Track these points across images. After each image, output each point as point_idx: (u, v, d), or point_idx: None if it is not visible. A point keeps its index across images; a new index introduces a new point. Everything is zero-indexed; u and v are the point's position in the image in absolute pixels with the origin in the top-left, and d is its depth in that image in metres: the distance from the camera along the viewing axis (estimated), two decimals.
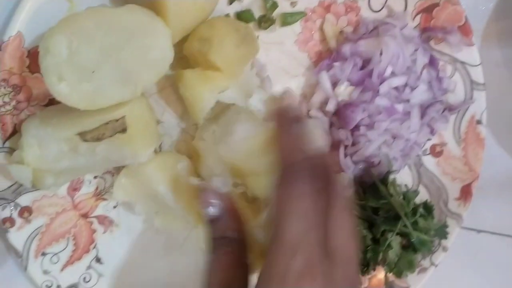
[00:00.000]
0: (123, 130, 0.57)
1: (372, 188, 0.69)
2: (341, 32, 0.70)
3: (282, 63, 0.70)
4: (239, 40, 0.61)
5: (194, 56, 0.63)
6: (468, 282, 0.80)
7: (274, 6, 0.68)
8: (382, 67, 0.66)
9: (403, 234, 0.67)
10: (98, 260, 0.67)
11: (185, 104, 0.63)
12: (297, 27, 0.70)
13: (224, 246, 0.54)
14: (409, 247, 0.68)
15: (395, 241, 0.66)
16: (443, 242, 0.72)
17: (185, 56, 0.64)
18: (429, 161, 0.74)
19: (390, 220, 0.66)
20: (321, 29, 0.70)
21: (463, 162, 0.73)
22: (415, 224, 0.67)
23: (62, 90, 0.54)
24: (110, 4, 0.64)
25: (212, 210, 0.55)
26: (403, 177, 0.73)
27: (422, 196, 0.73)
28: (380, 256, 0.66)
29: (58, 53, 0.53)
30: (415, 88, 0.68)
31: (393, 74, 0.67)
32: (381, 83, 0.66)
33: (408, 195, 0.69)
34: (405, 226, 0.66)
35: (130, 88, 0.57)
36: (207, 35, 0.61)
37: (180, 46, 0.63)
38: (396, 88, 0.67)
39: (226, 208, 0.56)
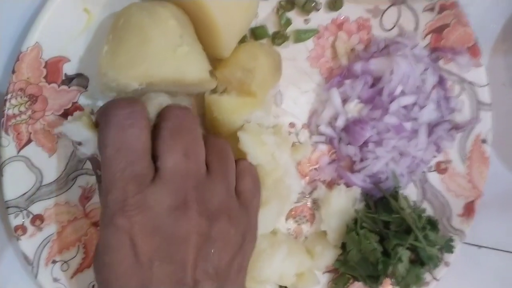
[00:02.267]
0: None
1: (383, 202, 0.70)
2: (352, 49, 0.72)
3: (294, 78, 0.71)
4: (274, 69, 0.65)
5: (229, 81, 0.64)
6: None
7: (288, 22, 0.69)
8: (393, 86, 0.67)
9: (411, 249, 0.68)
10: None
11: (213, 125, 0.65)
12: (309, 43, 0.71)
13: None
14: (416, 261, 0.69)
15: (404, 255, 0.67)
16: (446, 257, 0.73)
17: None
18: (434, 178, 0.75)
19: (401, 234, 0.68)
20: (333, 46, 0.71)
21: (467, 179, 0.74)
22: (425, 238, 0.68)
23: None
24: None
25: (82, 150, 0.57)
26: (408, 193, 0.74)
27: (427, 211, 0.74)
28: (390, 269, 0.67)
29: None
30: (423, 107, 0.69)
31: (402, 93, 0.68)
32: (391, 102, 0.67)
33: (416, 210, 0.70)
34: (415, 240, 0.67)
35: None
36: (250, 66, 0.63)
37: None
38: (405, 106, 0.68)
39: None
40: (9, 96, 0.61)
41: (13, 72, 0.61)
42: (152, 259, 0.49)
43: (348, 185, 0.72)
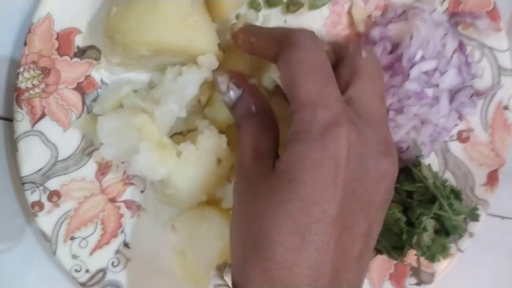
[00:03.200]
0: None
1: (405, 172, 0.68)
2: (369, 16, 0.70)
3: None
4: None
5: None
6: (492, 268, 0.80)
7: None
8: (413, 51, 0.65)
9: (436, 218, 0.66)
10: (126, 244, 0.67)
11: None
12: (325, 11, 0.69)
13: (250, 119, 0.53)
14: (440, 231, 0.68)
15: (429, 224, 0.66)
16: (470, 227, 0.72)
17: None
18: (455, 147, 0.73)
19: (425, 203, 0.66)
20: (349, 13, 0.70)
21: (489, 148, 0.72)
22: (450, 207, 0.66)
23: None
24: None
25: (232, 95, 0.55)
26: (430, 163, 0.72)
27: (449, 182, 0.72)
28: (415, 239, 0.66)
29: None
30: (444, 73, 0.67)
31: (423, 58, 0.66)
32: (411, 68, 0.66)
33: (439, 181, 0.69)
34: (439, 209, 0.65)
35: None
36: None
37: None
38: (425, 72, 0.67)
39: (244, 87, 0.55)
40: (21, 69, 0.60)
41: (25, 44, 0.60)
42: (347, 191, 0.45)
43: None
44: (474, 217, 0.70)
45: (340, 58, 0.55)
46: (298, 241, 0.43)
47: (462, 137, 0.73)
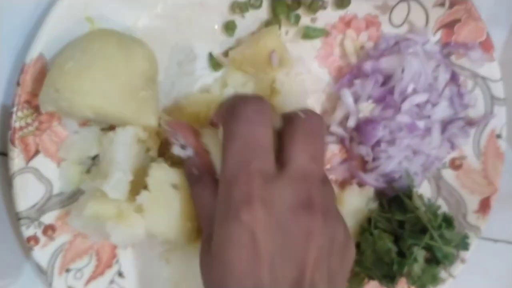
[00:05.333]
0: None
1: (397, 201, 0.69)
2: (361, 47, 0.70)
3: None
4: None
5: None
6: None
7: (298, 18, 0.68)
8: (404, 84, 0.66)
9: (426, 248, 0.67)
10: (120, 274, 0.68)
11: None
12: (317, 42, 0.69)
13: (194, 182, 0.56)
14: (431, 260, 0.69)
15: (420, 255, 0.67)
16: (462, 253, 0.72)
17: None
18: (448, 174, 0.74)
19: (416, 234, 0.67)
20: (341, 44, 0.70)
21: (482, 175, 0.73)
22: (441, 237, 0.67)
23: None
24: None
25: (179, 150, 0.57)
26: (422, 190, 0.73)
27: (441, 208, 0.73)
28: (405, 269, 0.67)
29: None
30: (436, 105, 0.68)
31: (414, 91, 0.66)
32: (402, 100, 0.66)
33: (432, 208, 0.69)
34: (430, 239, 0.66)
35: None
36: None
37: None
38: (417, 104, 0.67)
39: (192, 145, 0.57)
40: (15, 109, 0.61)
41: (18, 84, 0.61)
42: (273, 257, 0.47)
43: (360, 184, 0.71)
44: (464, 246, 0.71)
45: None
46: None
47: (455, 165, 0.74)
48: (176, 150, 0.58)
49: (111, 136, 0.61)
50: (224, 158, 0.50)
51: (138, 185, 0.62)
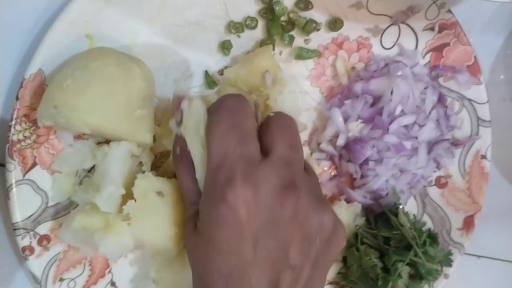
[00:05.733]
0: None
1: (383, 218, 0.71)
2: (352, 68, 0.72)
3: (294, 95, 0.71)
4: None
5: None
6: None
7: (292, 40, 0.70)
8: (392, 106, 0.68)
9: (411, 264, 0.69)
10: (113, 284, 0.70)
11: None
12: (309, 63, 0.71)
13: (182, 163, 0.58)
14: (415, 276, 0.71)
15: (404, 271, 0.69)
16: (445, 269, 0.74)
17: None
18: (434, 192, 0.76)
19: (401, 250, 0.69)
20: (333, 65, 0.71)
21: (467, 194, 0.75)
22: (425, 253, 0.69)
23: None
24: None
25: (177, 129, 0.59)
26: (408, 206, 0.75)
27: (426, 225, 0.75)
28: (390, 285, 0.69)
29: None
30: (423, 126, 0.69)
31: (402, 112, 0.68)
32: (391, 122, 0.68)
33: (416, 225, 0.72)
34: (414, 256, 0.68)
35: None
36: None
37: None
38: (405, 125, 0.69)
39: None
40: (13, 122, 0.62)
41: (17, 98, 0.62)
42: (258, 236, 0.50)
43: (348, 200, 0.73)
44: (448, 263, 0.73)
45: None
46: (225, 286, 0.50)
47: (441, 183, 0.76)
48: (171, 123, 0.59)
49: (105, 150, 0.62)
50: (209, 144, 0.53)
51: (130, 198, 0.63)
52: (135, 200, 0.60)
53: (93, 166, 0.66)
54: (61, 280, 0.67)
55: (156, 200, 0.61)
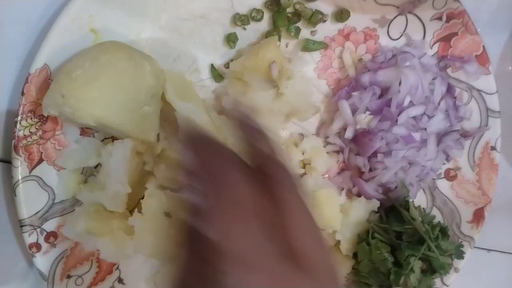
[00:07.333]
0: None
1: (394, 212, 0.70)
2: (359, 60, 0.71)
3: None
4: None
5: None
6: None
7: (298, 31, 0.69)
8: (401, 97, 0.67)
9: (423, 259, 0.69)
10: (120, 281, 0.69)
11: None
12: (316, 55, 0.71)
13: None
14: (427, 270, 0.70)
15: (417, 265, 0.68)
16: (455, 263, 0.73)
17: None
18: (443, 185, 0.75)
19: (414, 244, 0.68)
20: (340, 57, 0.71)
21: (476, 186, 0.74)
22: (437, 247, 0.68)
23: None
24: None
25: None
26: (417, 200, 0.74)
27: (436, 218, 0.74)
28: (402, 279, 0.68)
29: None
30: (432, 117, 0.69)
31: (411, 103, 0.68)
32: (399, 113, 0.67)
33: (428, 219, 0.71)
34: (428, 250, 0.67)
35: None
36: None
37: None
38: (414, 117, 0.68)
39: None
40: (19, 118, 0.62)
41: (23, 94, 0.62)
42: None
43: (359, 194, 0.72)
44: (459, 255, 0.72)
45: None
46: None
47: (450, 175, 0.75)
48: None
49: (110, 149, 0.62)
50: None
51: (134, 196, 0.63)
52: (142, 214, 0.60)
53: (98, 164, 0.66)
54: (69, 277, 0.67)
55: (162, 220, 0.61)
